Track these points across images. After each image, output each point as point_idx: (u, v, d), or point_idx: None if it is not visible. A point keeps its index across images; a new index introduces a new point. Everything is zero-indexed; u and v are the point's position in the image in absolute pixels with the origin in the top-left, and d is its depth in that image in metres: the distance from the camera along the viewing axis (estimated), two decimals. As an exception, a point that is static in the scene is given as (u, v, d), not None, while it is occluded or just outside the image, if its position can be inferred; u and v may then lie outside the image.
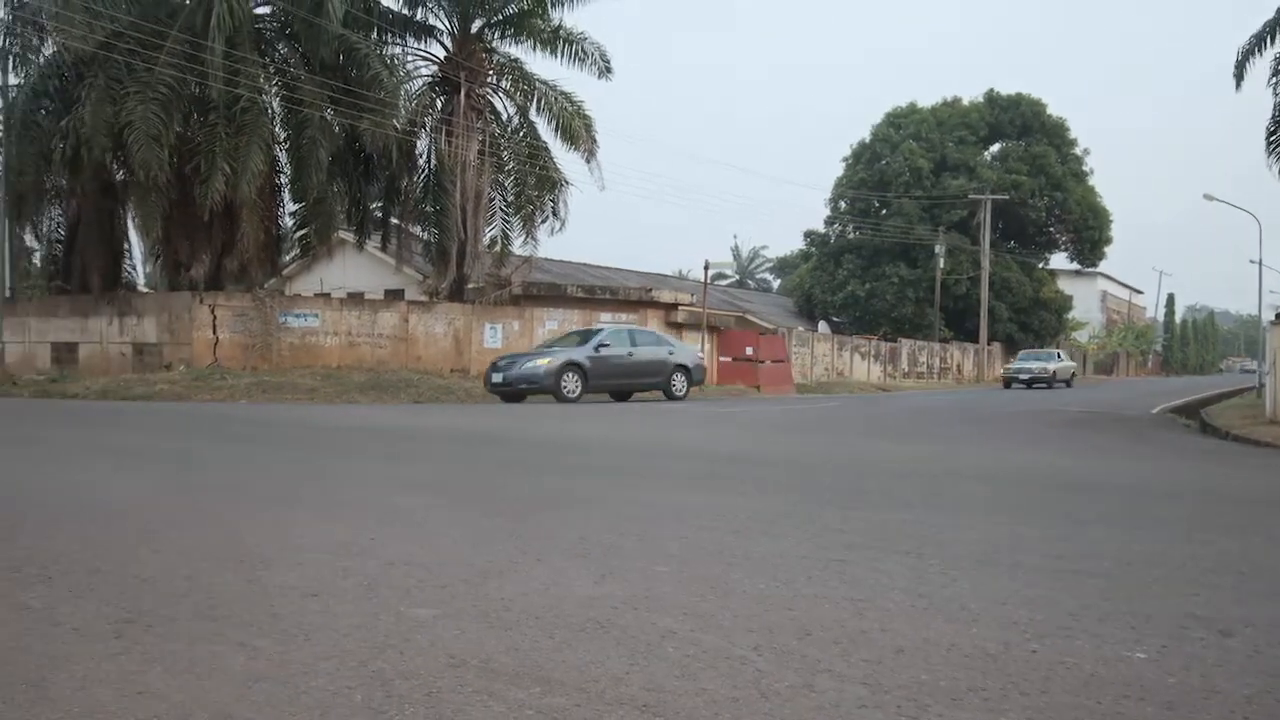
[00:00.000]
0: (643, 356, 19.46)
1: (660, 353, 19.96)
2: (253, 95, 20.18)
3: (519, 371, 17.89)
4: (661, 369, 19.71)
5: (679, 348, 21.12)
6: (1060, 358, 37.77)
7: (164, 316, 21.42)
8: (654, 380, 19.69)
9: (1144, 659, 2.64)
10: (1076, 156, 48.03)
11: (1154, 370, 77.73)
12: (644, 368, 19.47)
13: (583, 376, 18.16)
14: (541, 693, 2.28)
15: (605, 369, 18.66)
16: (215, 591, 3.19)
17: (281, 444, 9.33)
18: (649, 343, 20.15)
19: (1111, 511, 5.76)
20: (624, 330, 20.51)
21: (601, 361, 18.62)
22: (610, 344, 19.04)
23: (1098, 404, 22.64)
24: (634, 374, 19.35)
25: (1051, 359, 37.10)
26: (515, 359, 18.59)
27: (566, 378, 17.87)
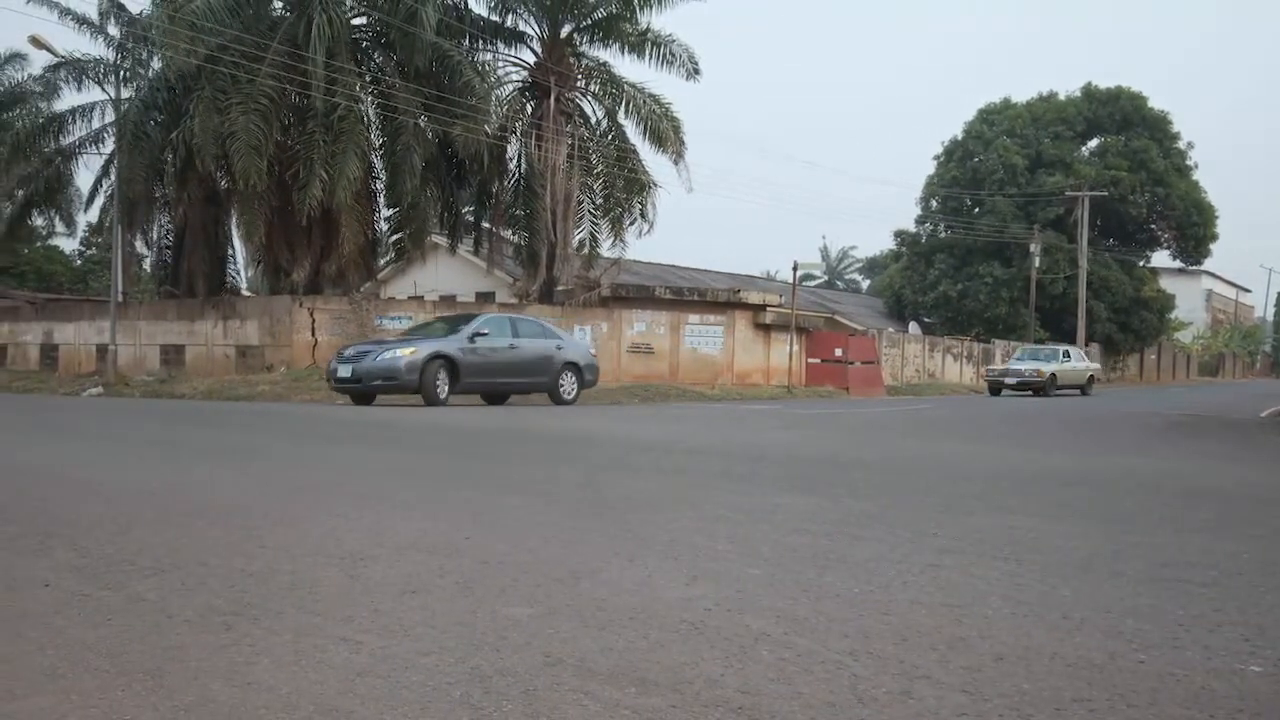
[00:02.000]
0: (527, 351, 16.65)
1: (547, 347, 17.11)
2: (349, 104, 20.71)
3: (373, 364, 15.05)
4: (548, 367, 16.91)
5: (569, 341, 18.32)
6: (1069, 357, 31.00)
7: (265, 319, 22.11)
8: (539, 380, 16.94)
9: (1259, 672, 2.54)
10: (1179, 150, 46.43)
11: (1263, 372, 74.70)
12: (528, 365, 16.66)
13: (452, 372, 15.40)
14: (637, 693, 2.29)
15: (480, 364, 15.91)
16: (318, 587, 3.29)
17: (376, 444, 9.54)
18: (533, 334, 17.22)
19: (1219, 518, 5.55)
20: (504, 318, 17.68)
21: (476, 355, 15.87)
22: (488, 333, 16.25)
23: (1203, 406, 21.83)
24: (516, 371, 16.56)
25: (1053, 359, 30.25)
26: (368, 348, 15.74)
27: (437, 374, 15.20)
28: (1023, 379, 28.50)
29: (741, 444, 10.12)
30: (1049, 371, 28.59)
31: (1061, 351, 31.06)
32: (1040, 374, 28.31)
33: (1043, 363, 29.37)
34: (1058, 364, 29.48)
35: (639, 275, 30.78)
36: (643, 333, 25.24)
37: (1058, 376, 28.79)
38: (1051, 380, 28.43)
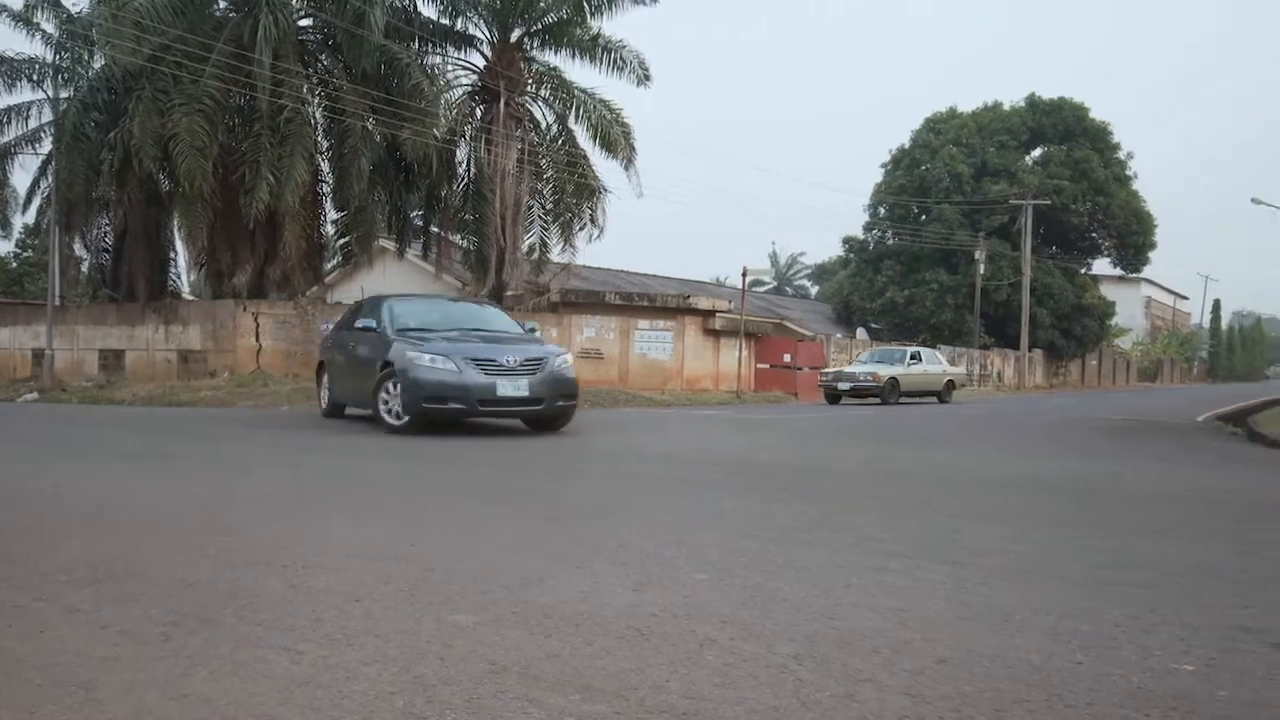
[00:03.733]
0: None
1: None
2: (296, 106, 20.44)
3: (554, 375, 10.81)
4: None
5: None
6: (918, 359, 26.67)
7: (208, 324, 21.74)
8: None
9: (1192, 671, 2.60)
10: (1120, 161, 47.45)
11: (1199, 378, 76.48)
12: None
13: None
14: (581, 700, 2.28)
15: None
16: (258, 596, 3.23)
17: (321, 451, 9.42)
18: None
19: (1157, 521, 5.67)
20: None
21: None
22: None
23: (1142, 411, 22.30)
24: None
25: (897, 361, 26.02)
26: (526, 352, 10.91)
27: None
28: (857, 384, 24.46)
29: (691, 449, 10.14)
30: (887, 376, 24.54)
31: (909, 353, 26.97)
32: (877, 378, 24.33)
33: (882, 366, 25.37)
34: (902, 368, 25.49)
35: (589, 281, 30.75)
36: (592, 338, 25.22)
37: (900, 382, 24.90)
38: (892, 386, 24.47)
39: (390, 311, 11.73)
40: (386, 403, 10.73)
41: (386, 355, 10.83)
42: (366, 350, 11.51)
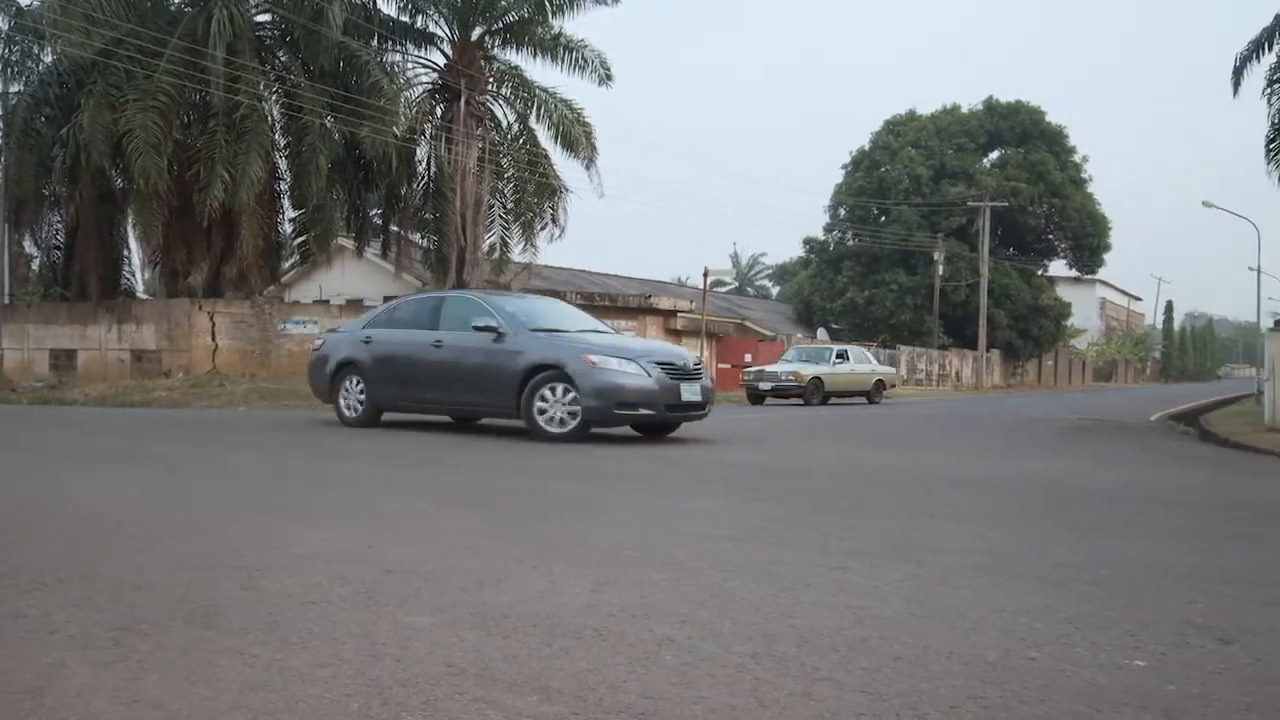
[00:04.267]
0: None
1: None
2: (253, 102, 20.20)
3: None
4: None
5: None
6: (845, 358, 25.59)
7: (163, 323, 21.43)
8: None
9: (1143, 666, 2.63)
10: (1075, 164, 48.18)
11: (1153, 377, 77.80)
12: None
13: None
14: (539, 700, 2.27)
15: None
16: (212, 599, 3.18)
17: (279, 451, 9.31)
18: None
19: (1111, 519, 5.76)
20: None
21: None
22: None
23: (1097, 411, 22.64)
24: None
25: (821, 360, 24.86)
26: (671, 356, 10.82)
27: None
28: (779, 384, 23.42)
29: (650, 449, 10.13)
30: (810, 375, 23.50)
31: (835, 352, 25.80)
32: (799, 378, 23.24)
33: (806, 365, 24.24)
34: (827, 367, 24.41)
35: (550, 280, 30.67)
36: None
37: (825, 381, 23.85)
38: (815, 386, 23.49)
39: (504, 310, 10.89)
40: (544, 410, 10.07)
41: (539, 357, 10.20)
42: (481, 353, 10.57)
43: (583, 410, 9.97)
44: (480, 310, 10.96)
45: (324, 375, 11.74)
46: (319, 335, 12.53)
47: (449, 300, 11.76)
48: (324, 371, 11.74)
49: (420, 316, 11.53)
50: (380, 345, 11.42)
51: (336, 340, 11.99)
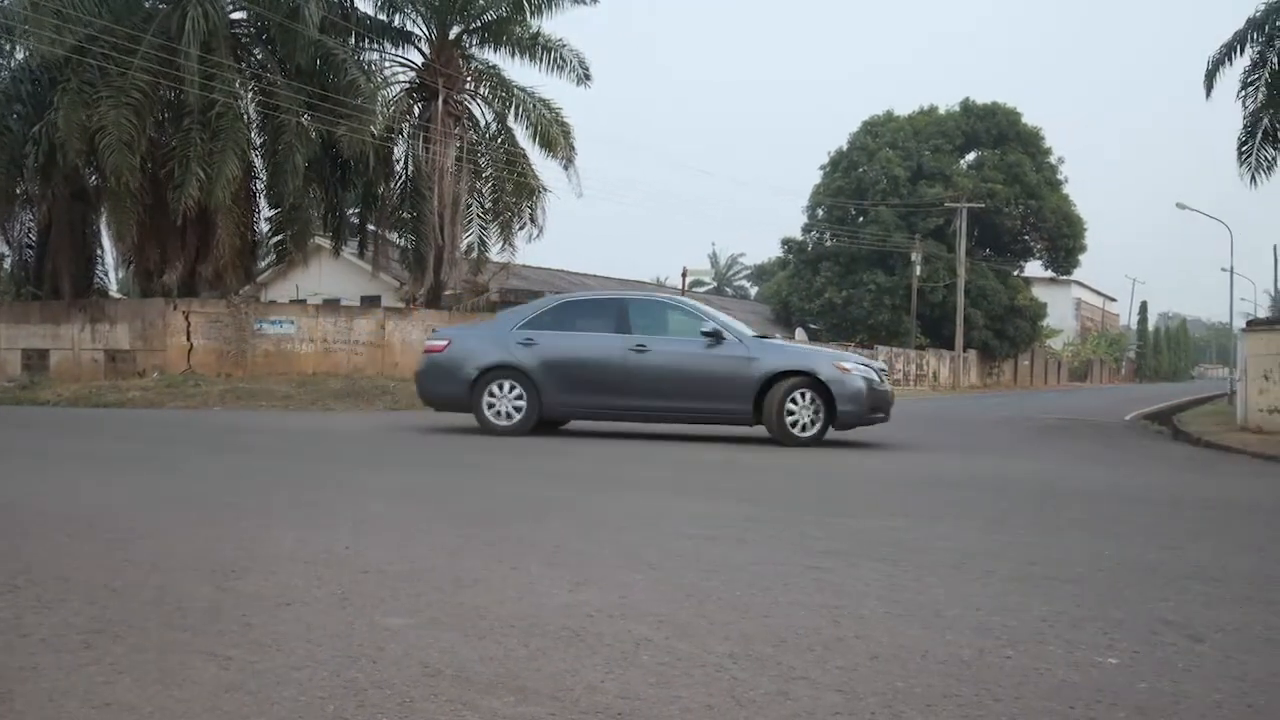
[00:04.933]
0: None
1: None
2: (228, 100, 20.06)
3: None
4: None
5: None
6: None
7: (137, 323, 21.23)
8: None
9: (1115, 664, 2.66)
10: (1051, 165, 48.54)
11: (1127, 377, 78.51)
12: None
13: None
14: (516, 702, 2.27)
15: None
16: (187, 601, 3.16)
17: (255, 451, 9.26)
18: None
19: (1085, 518, 5.80)
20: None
21: None
22: None
23: (1073, 410, 22.82)
24: None
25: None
26: None
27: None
28: None
29: (628, 449, 10.14)
30: None
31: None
32: None
33: None
34: None
35: (528, 280, 30.62)
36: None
37: None
38: None
39: (719, 318, 11.11)
40: (792, 415, 10.41)
41: (781, 364, 10.53)
42: (702, 358, 10.66)
43: (839, 415, 10.50)
44: (691, 315, 11.21)
45: (459, 379, 10.91)
46: (438, 336, 11.71)
47: (638, 303, 11.60)
48: (459, 375, 10.93)
49: (600, 320, 11.21)
50: (553, 349, 10.92)
51: (473, 342, 11.29)
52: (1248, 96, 17.15)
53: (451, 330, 12.59)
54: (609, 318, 11.14)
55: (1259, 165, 17.34)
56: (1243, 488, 8.34)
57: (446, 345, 11.25)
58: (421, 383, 11.41)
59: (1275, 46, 16.61)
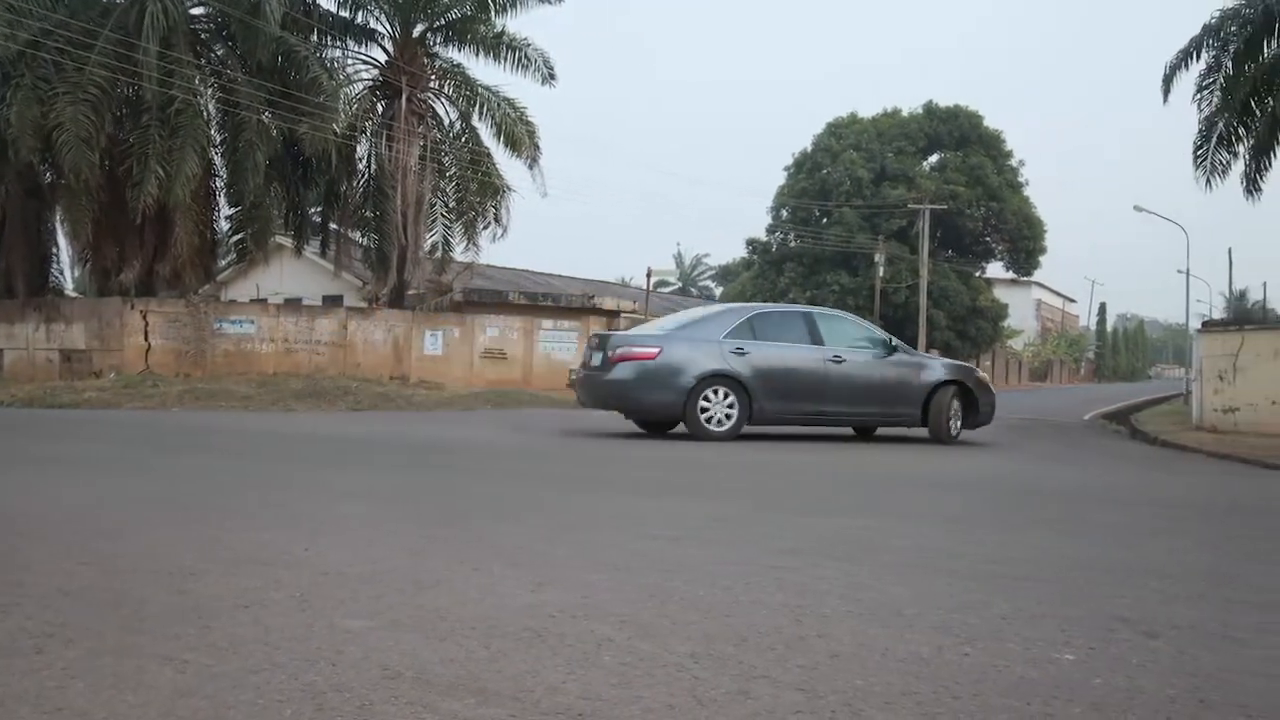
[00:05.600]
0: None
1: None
2: (188, 97, 19.81)
3: None
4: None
5: None
6: None
7: (93, 322, 20.92)
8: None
9: (1072, 660, 2.69)
10: (1012, 168, 49.06)
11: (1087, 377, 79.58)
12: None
13: None
14: (477, 703, 2.26)
15: None
16: (143, 604, 3.11)
17: (214, 452, 9.15)
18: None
19: (1044, 517, 5.87)
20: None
21: None
22: None
23: (1033, 410, 23.09)
24: None
25: None
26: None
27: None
28: None
29: (593, 449, 10.13)
30: None
31: None
32: None
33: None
34: None
35: (493, 280, 30.49)
36: (495, 338, 25.03)
37: None
38: None
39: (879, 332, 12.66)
40: (951, 419, 11.91)
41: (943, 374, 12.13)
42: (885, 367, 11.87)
43: (979, 418, 12.21)
44: (862, 327, 12.72)
45: (675, 386, 10.98)
46: (635, 343, 11.47)
47: (823, 316, 12.50)
48: (674, 383, 10.99)
49: (792, 331, 11.80)
50: (764, 358, 11.34)
51: (686, 350, 11.26)
52: (1203, 100, 17.46)
53: (646, 337, 11.93)
54: (800, 329, 11.83)
55: (1214, 169, 17.64)
56: (1198, 487, 8.49)
57: (658, 353, 11.15)
58: (625, 390, 11.19)
59: (1229, 51, 16.92)
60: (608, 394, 11.37)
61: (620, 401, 11.48)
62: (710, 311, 12.80)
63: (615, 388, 11.19)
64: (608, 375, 11.15)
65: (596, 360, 11.46)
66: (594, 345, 11.93)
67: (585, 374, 11.81)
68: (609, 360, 11.16)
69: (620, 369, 11.09)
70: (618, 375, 11.08)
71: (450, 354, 23.97)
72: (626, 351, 11.19)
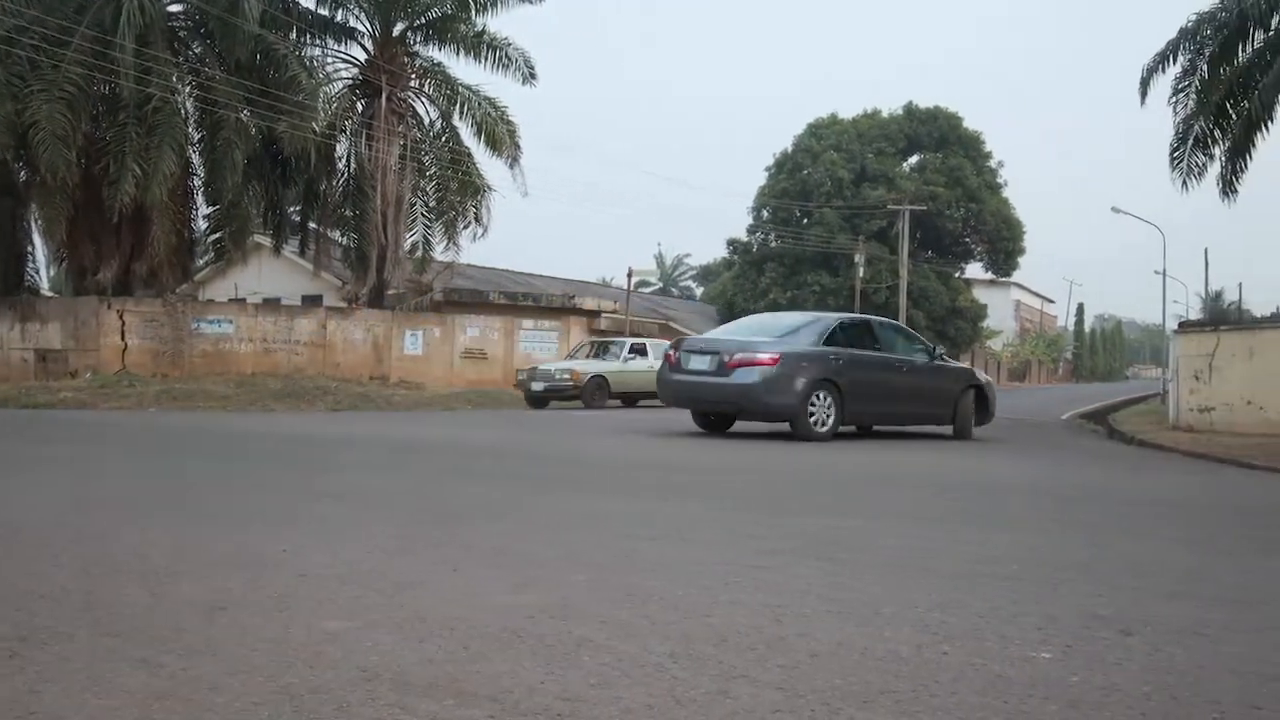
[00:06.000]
0: None
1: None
2: (165, 95, 19.68)
3: None
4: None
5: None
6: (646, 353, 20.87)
7: (69, 322, 20.74)
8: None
9: (1049, 659, 2.71)
10: (991, 169, 49.31)
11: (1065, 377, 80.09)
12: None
13: None
14: (455, 705, 2.25)
15: None
16: (118, 607, 3.09)
17: (191, 453, 9.08)
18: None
19: (1022, 515, 5.91)
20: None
21: None
22: None
23: (1011, 410, 23.23)
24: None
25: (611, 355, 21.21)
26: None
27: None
28: (552, 384, 19.46)
29: (573, 450, 10.13)
30: (590, 374, 19.76)
31: (629, 346, 21.40)
32: (575, 377, 19.43)
33: (588, 362, 20.76)
34: (615, 364, 20.56)
35: (473, 280, 30.41)
36: (476, 338, 24.99)
37: (610, 381, 20.07)
38: (597, 386, 19.73)
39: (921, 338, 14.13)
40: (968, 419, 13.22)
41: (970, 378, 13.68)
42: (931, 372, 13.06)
43: (988, 416, 13.64)
44: (907, 335, 14.04)
45: (794, 391, 11.51)
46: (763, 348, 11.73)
47: (880, 325, 13.69)
48: (793, 387, 11.52)
49: (863, 339, 12.73)
50: (854, 365, 12.04)
51: (798, 357, 11.73)
52: (1179, 103, 17.59)
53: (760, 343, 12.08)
54: (868, 337, 12.81)
55: (1190, 171, 17.77)
56: (1174, 485, 8.56)
57: (778, 360, 11.55)
58: (749, 393, 11.55)
59: (1205, 55, 17.05)
60: (725, 396, 11.86)
61: (743, 403, 11.85)
62: (799, 320, 13.30)
63: (737, 391, 11.61)
64: (727, 379, 11.60)
65: (702, 365, 11.92)
66: (694, 349, 12.41)
67: (685, 377, 12.12)
68: (726, 366, 11.62)
69: (741, 374, 11.53)
70: (740, 380, 11.52)
71: (430, 354, 23.91)
72: (748, 358, 11.58)
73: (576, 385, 19.51)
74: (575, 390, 19.52)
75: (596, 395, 19.80)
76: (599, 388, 19.92)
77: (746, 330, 13.16)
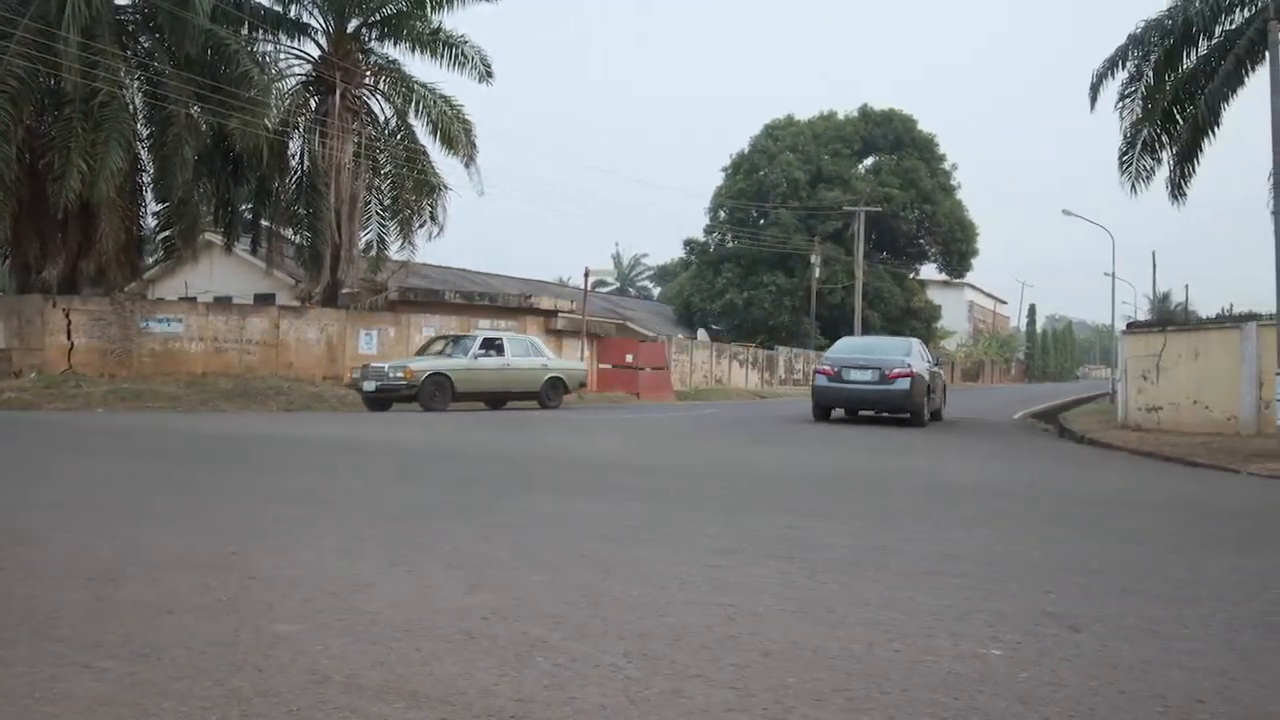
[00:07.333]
0: None
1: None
2: (112, 89, 19.28)
3: None
4: None
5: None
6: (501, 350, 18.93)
7: (13, 321, 20.27)
8: None
9: (999, 655, 2.74)
10: (945, 171, 49.86)
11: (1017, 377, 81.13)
12: None
13: None
14: (407, 707, 2.23)
15: None
16: (60, 611, 3.02)
17: (138, 454, 8.92)
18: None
19: (974, 514, 5.98)
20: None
21: None
22: None
23: (965, 410, 23.50)
24: None
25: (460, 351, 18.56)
26: None
27: None
28: (385, 382, 17.28)
29: (528, 449, 10.09)
30: (428, 372, 17.45)
31: (481, 340, 19.02)
32: (409, 375, 17.17)
33: (430, 359, 18.60)
34: (465, 361, 18.18)
35: (429, 279, 30.14)
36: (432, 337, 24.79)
37: (455, 380, 17.76)
38: (438, 386, 17.50)
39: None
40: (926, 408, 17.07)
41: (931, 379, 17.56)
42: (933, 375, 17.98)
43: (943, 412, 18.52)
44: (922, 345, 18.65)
45: (923, 391, 16.13)
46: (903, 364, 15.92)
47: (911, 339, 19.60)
48: (921, 389, 16.04)
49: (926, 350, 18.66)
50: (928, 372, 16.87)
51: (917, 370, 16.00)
52: (1125, 109, 17.88)
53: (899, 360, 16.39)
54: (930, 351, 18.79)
55: (1139, 175, 18.07)
56: (1123, 484, 8.71)
57: (914, 371, 15.88)
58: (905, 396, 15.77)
59: (1151, 61, 17.36)
60: (888, 398, 15.92)
61: (901, 403, 15.90)
62: (902, 342, 18.59)
63: (898, 394, 15.75)
64: (890, 387, 15.72)
65: (864, 377, 15.92)
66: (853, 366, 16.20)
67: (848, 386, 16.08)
68: (888, 377, 15.73)
69: (900, 384, 15.69)
70: (900, 388, 15.69)
71: (385, 354, 23.63)
72: (903, 370, 15.79)
73: (412, 385, 17.21)
74: (411, 390, 17.26)
75: (436, 396, 17.44)
76: (439, 387, 17.54)
77: (865, 349, 17.36)
